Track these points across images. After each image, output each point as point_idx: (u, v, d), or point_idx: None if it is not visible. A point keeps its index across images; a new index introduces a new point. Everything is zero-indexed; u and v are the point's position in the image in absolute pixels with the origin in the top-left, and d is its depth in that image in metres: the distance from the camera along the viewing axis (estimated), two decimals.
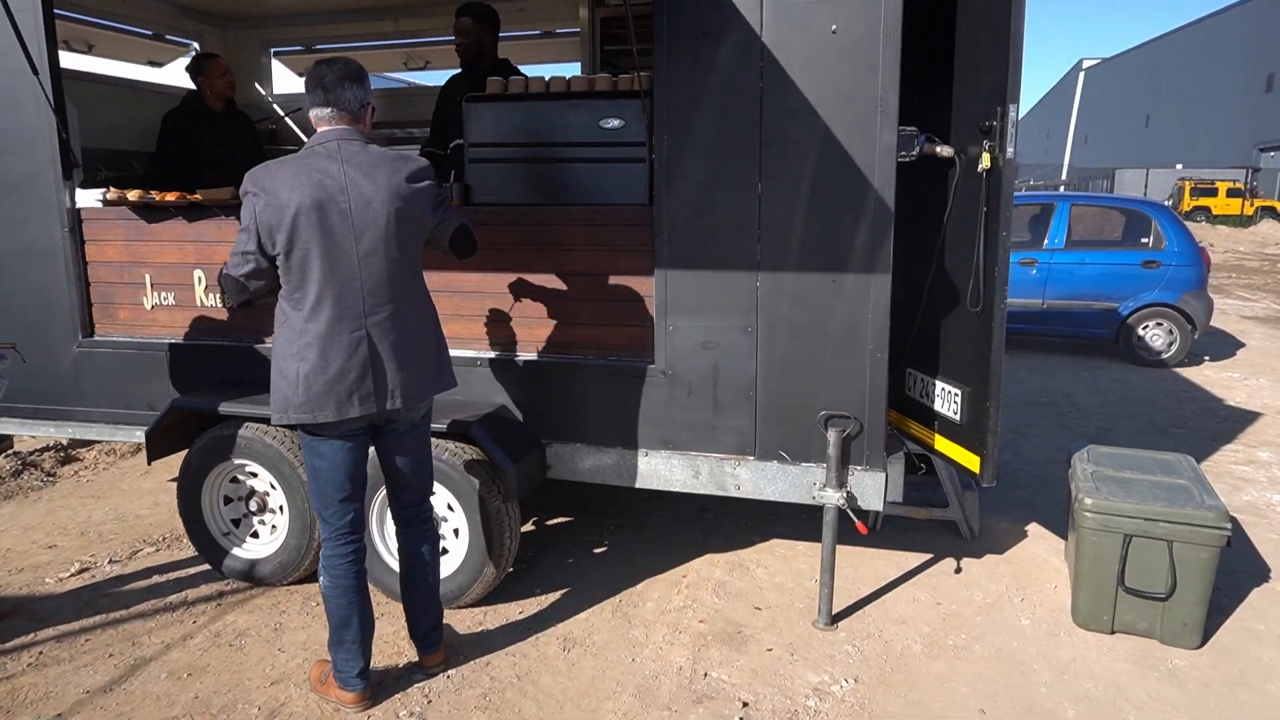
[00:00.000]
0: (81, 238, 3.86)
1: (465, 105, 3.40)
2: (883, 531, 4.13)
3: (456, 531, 3.36)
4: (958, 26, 3.08)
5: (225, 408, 3.47)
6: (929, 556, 3.88)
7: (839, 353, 3.08)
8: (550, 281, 3.38)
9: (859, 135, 2.93)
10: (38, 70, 3.55)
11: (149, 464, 3.58)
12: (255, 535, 3.65)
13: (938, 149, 3.08)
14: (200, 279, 3.76)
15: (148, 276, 3.82)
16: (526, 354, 3.45)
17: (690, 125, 3.08)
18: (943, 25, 3.14)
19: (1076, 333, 8.35)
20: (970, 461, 3.12)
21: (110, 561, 3.84)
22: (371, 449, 2.79)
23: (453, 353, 3.39)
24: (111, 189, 3.79)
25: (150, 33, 5.25)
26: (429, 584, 2.96)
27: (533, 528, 4.27)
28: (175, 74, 5.32)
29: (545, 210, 3.35)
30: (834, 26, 2.90)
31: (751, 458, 3.24)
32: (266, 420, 3.41)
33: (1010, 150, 2.81)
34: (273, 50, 5.85)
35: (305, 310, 2.54)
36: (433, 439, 3.24)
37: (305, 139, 5.89)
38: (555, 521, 4.33)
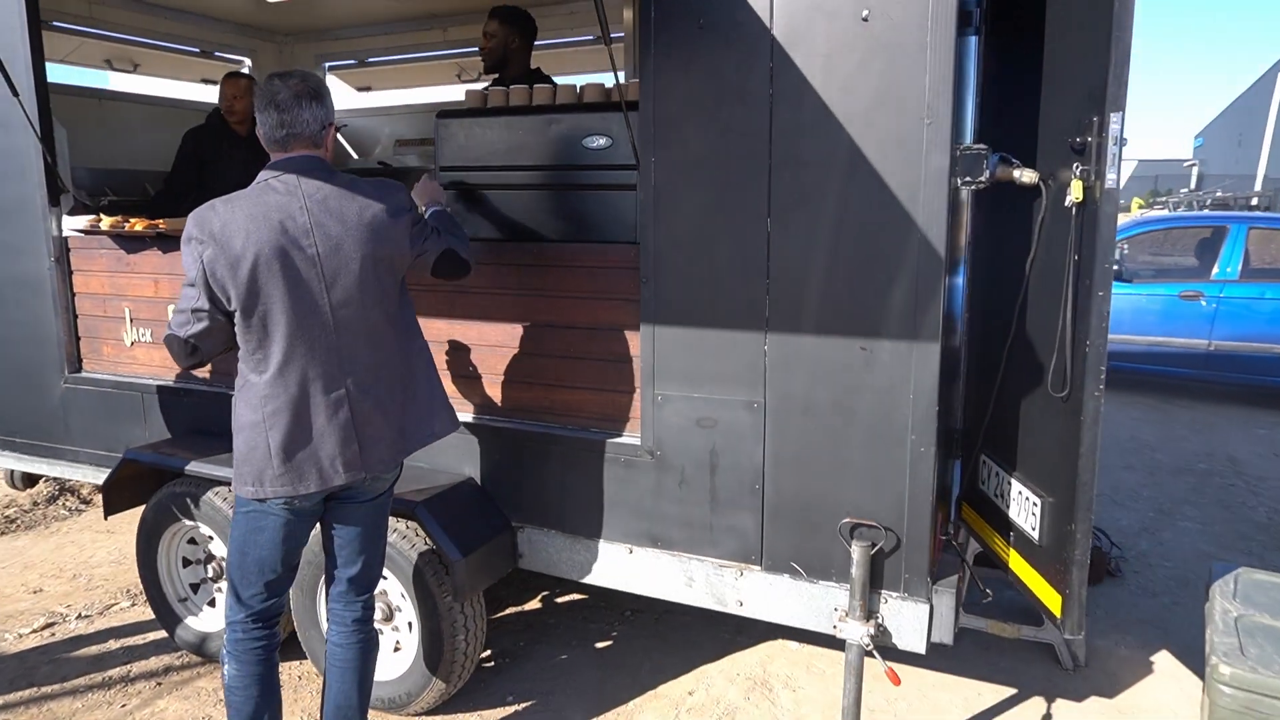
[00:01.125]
0: (69, 268, 3.62)
1: (436, 122, 2.88)
2: (955, 648, 3.28)
3: (411, 625, 2.84)
4: (1047, 11, 2.27)
5: (175, 464, 3.10)
6: (1010, 693, 3.01)
7: (869, 443, 2.33)
8: (525, 333, 2.80)
9: (899, 155, 2.19)
10: (18, 92, 3.31)
11: (105, 518, 3.27)
12: (212, 604, 3.26)
13: (1015, 173, 2.27)
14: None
15: (127, 310, 3.53)
16: (498, 419, 2.88)
17: (684, 143, 2.42)
18: (1028, 10, 2.34)
19: (1251, 381, 6.97)
20: (1049, 599, 2.29)
21: (79, 617, 3.57)
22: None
23: None
24: (101, 215, 3.54)
25: (198, 50, 5.08)
26: (356, 702, 2.43)
27: (539, 605, 3.70)
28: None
29: (519, 248, 2.77)
30: (865, 12, 2.17)
31: (757, 568, 2.53)
32: (219, 481, 3.00)
33: (1111, 177, 1.99)
34: (327, 65, 5.60)
35: (269, 372, 2.12)
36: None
37: (355, 155, 5.64)
38: (566, 599, 3.74)
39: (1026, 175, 2.26)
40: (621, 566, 2.71)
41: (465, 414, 2.93)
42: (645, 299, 2.53)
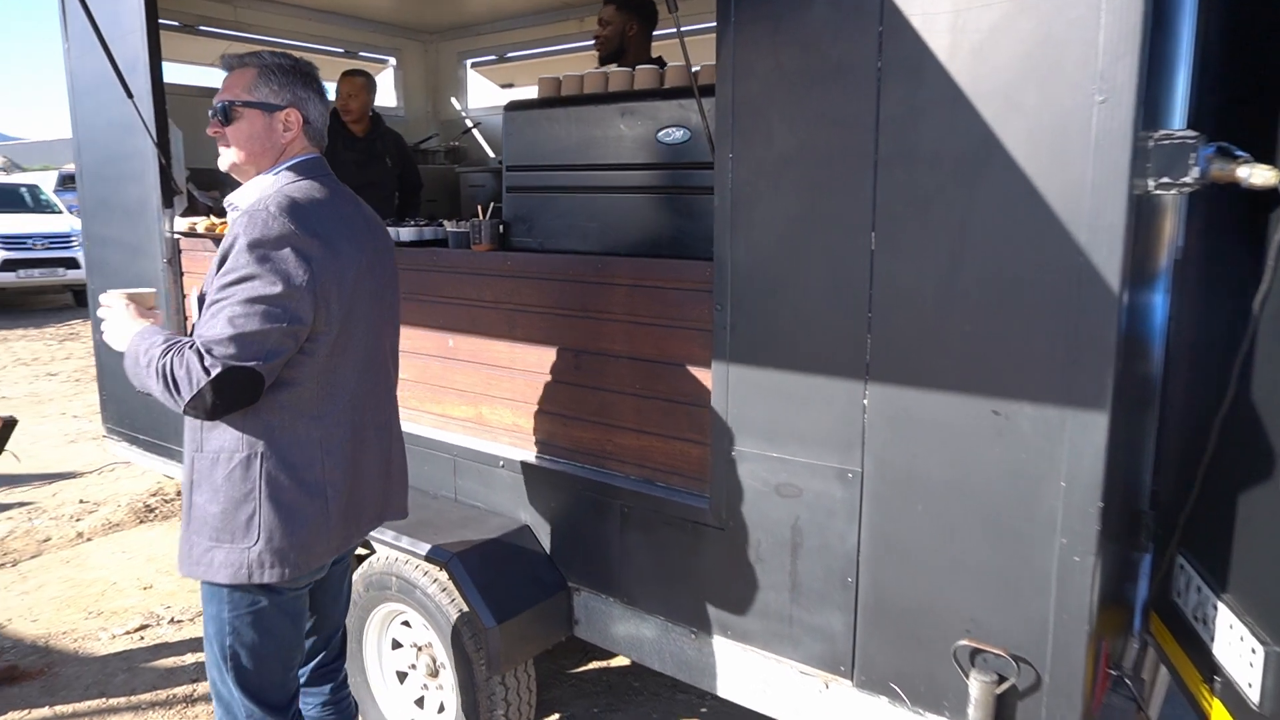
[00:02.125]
0: (180, 269, 3.62)
1: (505, 115, 2.53)
2: None
3: (454, 687, 2.51)
4: None
5: None
6: None
7: (998, 541, 1.71)
8: (586, 363, 2.37)
9: (1054, 147, 1.56)
10: (131, 94, 3.31)
11: None
12: None
13: (1240, 172, 1.57)
14: None
15: None
16: (557, 459, 2.48)
17: (768, 135, 1.90)
18: None
19: None
20: None
21: (172, 621, 3.55)
22: None
23: (475, 445, 2.57)
24: (212, 217, 3.50)
25: (342, 51, 5.08)
26: None
27: (627, 662, 3.28)
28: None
29: (583, 261, 2.35)
30: None
31: (847, 682, 1.96)
32: None
33: None
34: (469, 62, 5.46)
35: (337, 407, 1.75)
36: (423, 563, 2.44)
37: (492, 154, 5.46)
38: None
39: (1258, 175, 1.55)
40: (684, 654, 2.23)
41: (522, 451, 2.55)
42: (719, 330, 2.03)
